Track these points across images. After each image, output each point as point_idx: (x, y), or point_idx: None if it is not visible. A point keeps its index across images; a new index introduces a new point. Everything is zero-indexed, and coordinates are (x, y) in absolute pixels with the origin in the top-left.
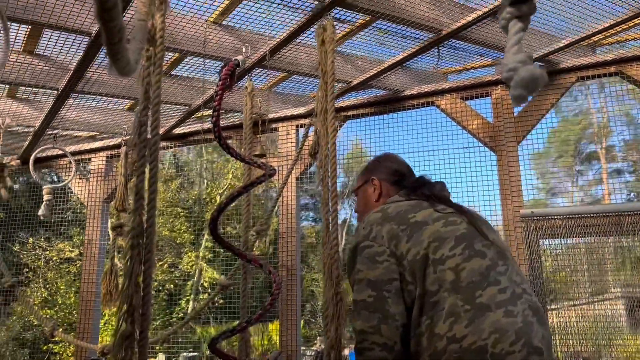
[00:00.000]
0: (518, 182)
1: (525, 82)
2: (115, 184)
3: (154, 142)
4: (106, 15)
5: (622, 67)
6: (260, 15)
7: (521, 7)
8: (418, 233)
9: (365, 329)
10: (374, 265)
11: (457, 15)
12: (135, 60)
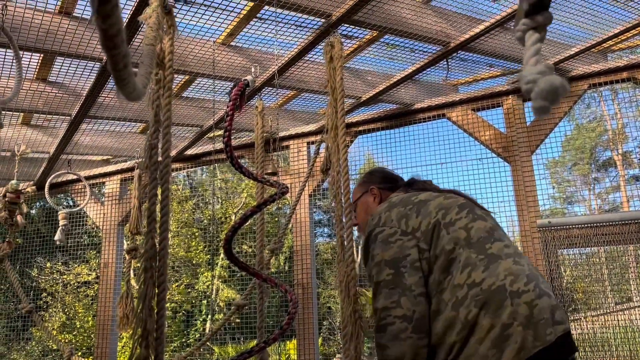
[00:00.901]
0: (534, 192)
1: (546, 93)
2: (129, 207)
3: (165, 164)
4: (110, 43)
5: (634, 72)
6: (268, 35)
7: (537, 18)
8: (425, 207)
9: (388, 305)
10: (388, 247)
11: (465, 27)
12: (143, 84)
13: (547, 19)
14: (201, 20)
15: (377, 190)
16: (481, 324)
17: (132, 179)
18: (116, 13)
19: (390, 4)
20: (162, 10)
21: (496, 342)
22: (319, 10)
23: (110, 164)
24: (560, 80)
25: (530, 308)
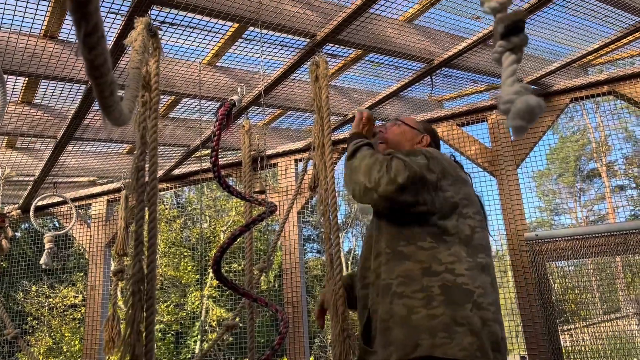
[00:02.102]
0: (520, 205)
1: (523, 113)
2: (116, 228)
3: (152, 186)
4: (96, 72)
5: (615, 85)
6: (253, 55)
7: (512, 40)
8: (457, 186)
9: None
10: (436, 160)
11: (448, 45)
12: (129, 109)
13: (523, 41)
14: (187, 42)
15: (428, 141)
16: (436, 306)
17: (118, 200)
18: (102, 44)
19: (374, 24)
20: (148, 33)
21: (446, 328)
22: (303, 31)
23: (97, 185)
24: (537, 100)
25: (483, 323)
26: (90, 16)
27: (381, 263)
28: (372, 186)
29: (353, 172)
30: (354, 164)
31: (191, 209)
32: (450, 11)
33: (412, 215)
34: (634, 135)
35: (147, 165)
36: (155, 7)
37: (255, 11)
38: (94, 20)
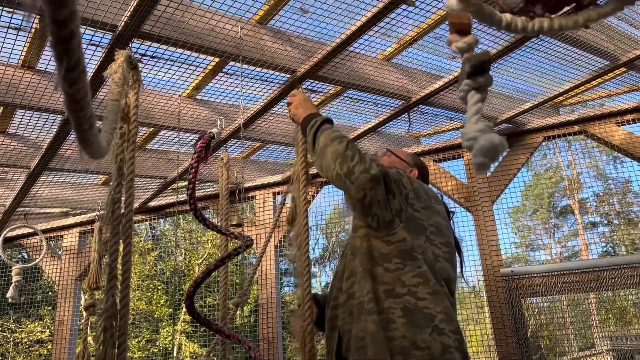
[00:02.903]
0: (496, 241)
1: (486, 150)
2: (88, 260)
3: (127, 219)
4: (76, 106)
5: (585, 125)
6: (234, 89)
7: (478, 79)
8: (429, 212)
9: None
10: (405, 179)
11: (425, 83)
12: (107, 141)
13: (488, 81)
14: (167, 75)
15: (416, 175)
16: (395, 329)
17: (91, 232)
18: (83, 78)
19: (353, 61)
20: (128, 66)
21: (405, 351)
22: (284, 67)
23: (70, 216)
24: (499, 139)
25: (443, 350)
26: (73, 52)
27: (354, 282)
28: (344, 172)
29: (321, 156)
30: (320, 145)
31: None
32: (427, 51)
33: (379, 224)
34: (605, 173)
35: (123, 198)
36: (137, 41)
37: (237, 46)
38: (77, 56)
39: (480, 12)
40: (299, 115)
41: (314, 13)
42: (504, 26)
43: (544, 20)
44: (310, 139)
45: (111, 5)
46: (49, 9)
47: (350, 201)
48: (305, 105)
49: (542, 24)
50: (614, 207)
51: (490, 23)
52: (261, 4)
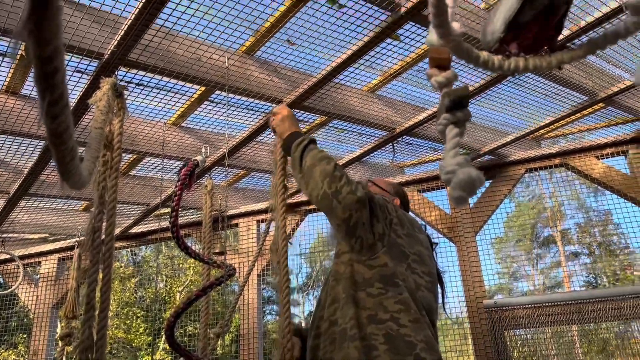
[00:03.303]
0: (479, 272)
1: (464, 184)
2: (66, 288)
3: (108, 247)
4: (57, 140)
5: (566, 158)
6: (220, 117)
7: (456, 114)
8: (411, 240)
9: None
10: (389, 206)
11: (409, 114)
12: (89, 171)
13: (466, 116)
14: (153, 102)
15: (397, 204)
16: (377, 356)
17: (70, 258)
18: (65, 112)
19: (338, 92)
20: (113, 94)
21: None
22: (270, 96)
23: (48, 242)
24: (477, 173)
25: None
26: (56, 86)
27: (337, 309)
28: (332, 192)
29: (308, 175)
30: (307, 164)
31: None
32: (411, 83)
33: (362, 246)
34: (586, 205)
35: (105, 225)
36: (123, 68)
37: (223, 76)
38: (60, 90)
39: (459, 48)
40: (283, 130)
41: (300, 45)
42: (481, 63)
43: (520, 60)
44: (297, 156)
45: (98, 34)
46: (33, 46)
47: (336, 222)
48: (290, 122)
49: (517, 63)
50: (596, 238)
51: (468, 59)
52: (248, 35)
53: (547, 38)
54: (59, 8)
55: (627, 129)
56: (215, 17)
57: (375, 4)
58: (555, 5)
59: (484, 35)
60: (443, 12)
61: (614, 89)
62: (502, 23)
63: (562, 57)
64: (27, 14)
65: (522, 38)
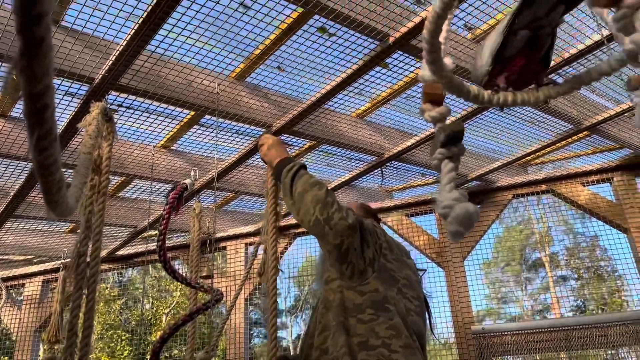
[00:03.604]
0: (467, 298)
1: (461, 219)
2: (49, 311)
3: (93, 272)
4: (45, 171)
5: (552, 185)
6: (209, 141)
7: (451, 149)
8: (400, 264)
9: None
10: (373, 233)
11: (397, 140)
12: (76, 197)
13: (461, 150)
14: (143, 125)
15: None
16: None
17: (55, 280)
18: (54, 146)
19: (327, 118)
20: (103, 118)
21: None
22: (260, 121)
23: (33, 264)
24: (474, 208)
25: None
26: (45, 121)
27: (327, 337)
28: (324, 218)
29: (299, 201)
30: (297, 190)
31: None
32: (399, 110)
33: (353, 272)
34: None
35: (90, 250)
36: (114, 92)
37: (213, 101)
38: (49, 125)
39: (450, 83)
40: (272, 157)
41: (290, 72)
42: (472, 97)
43: (508, 94)
44: (288, 182)
45: (89, 59)
46: (24, 83)
47: (327, 248)
48: (278, 149)
49: (506, 97)
50: (584, 262)
51: (459, 94)
52: (239, 62)
53: (535, 72)
54: (51, 47)
55: (612, 156)
56: (206, 43)
57: (364, 33)
58: (539, 38)
59: (474, 70)
60: (436, 49)
61: (598, 117)
62: (489, 56)
63: (549, 92)
64: (20, 52)
65: (509, 71)
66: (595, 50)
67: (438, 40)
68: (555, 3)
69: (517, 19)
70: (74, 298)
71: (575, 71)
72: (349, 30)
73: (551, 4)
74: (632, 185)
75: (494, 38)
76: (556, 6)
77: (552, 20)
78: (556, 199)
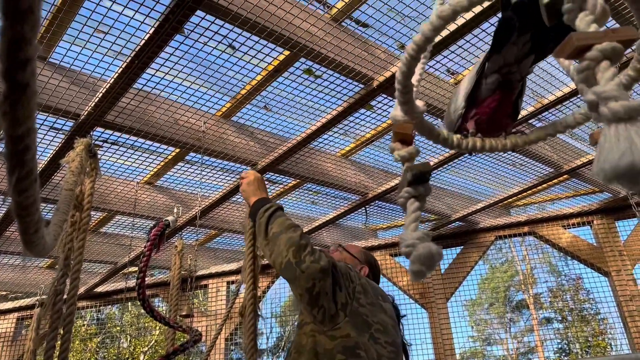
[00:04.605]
0: (450, 340)
1: (424, 259)
2: (23, 349)
3: (69, 312)
4: (23, 212)
5: (534, 227)
6: (194, 177)
7: (418, 188)
8: (375, 309)
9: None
10: (352, 276)
11: (381, 180)
12: (55, 235)
13: (427, 190)
14: (127, 161)
15: (366, 273)
16: None
17: (30, 318)
18: (33, 187)
19: (312, 157)
20: (87, 154)
21: None
22: (245, 159)
23: (8, 300)
24: (436, 248)
25: None
26: (26, 163)
27: None
28: (296, 261)
29: (272, 242)
30: (272, 230)
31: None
32: (384, 151)
33: (324, 316)
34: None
35: (68, 288)
36: (99, 128)
37: (199, 139)
38: (29, 167)
39: (421, 125)
40: (249, 194)
41: (276, 112)
42: (441, 140)
43: (477, 140)
44: (264, 222)
45: (76, 95)
46: (6, 125)
47: (298, 291)
48: (257, 187)
49: (474, 143)
50: (567, 304)
51: (429, 136)
52: (226, 101)
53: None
54: (35, 92)
55: (592, 199)
56: (194, 83)
57: (349, 76)
58: (510, 82)
59: (448, 115)
60: (409, 91)
61: (577, 162)
62: (462, 98)
63: (516, 140)
64: (3, 98)
65: (481, 113)
66: (574, 98)
67: (410, 82)
68: (525, 53)
69: (487, 64)
70: (49, 338)
71: (554, 117)
72: (334, 73)
73: (520, 53)
74: (612, 229)
75: (467, 81)
76: (526, 55)
77: (522, 68)
78: (539, 240)
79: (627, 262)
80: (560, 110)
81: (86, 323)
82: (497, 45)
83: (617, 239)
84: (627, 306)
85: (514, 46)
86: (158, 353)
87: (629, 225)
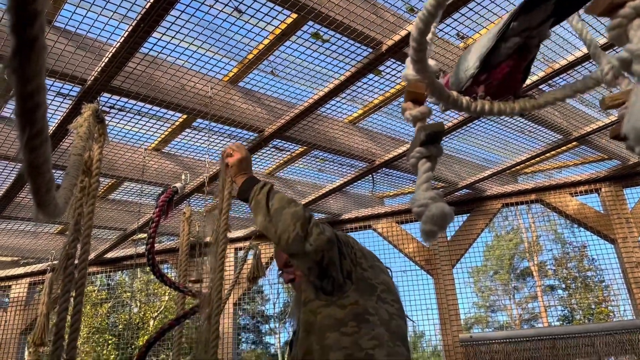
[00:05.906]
0: (455, 306)
1: (436, 219)
2: (36, 313)
3: (81, 275)
4: (35, 171)
5: (541, 194)
6: (202, 144)
7: (430, 148)
8: (376, 271)
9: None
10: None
11: (389, 147)
12: (65, 199)
13: (439, 151)
14: (135, 127)
15: None
16: None
17: (42, 283)
18: (44, 146)
19: (320, 124)
20: (94, 120)
21: None
22: (252, 126)
23: (20, 266)
24: (449, 208)
25: None
26: (37, 121)
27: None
28: (304, 234)
29: (276, 217)
30: (274, 207)
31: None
32: (391, 117)
33: (333, 286)
34: (563, 237)
35: (79, 252)
36: (106, 94)
37: (206, 105)
38: (40, 125)
39: (432, 85)
40: (238, 171)
41: (283, 77)
42: (451, 102)
43: (485, 103)
44: (263, 199)
45: (82, 60)
46: (16, 82)
47: (307, 265)
48: (248, 165)
49: (483, 106)
50: (572, 272)
51: (440, 97)
52: (232, 65)
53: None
54: (44, 47)
55: (600, 167)
56: (200, 47)
57: (357, 40)
58: (527, 47)
59: (457, 73)
60: (423, 49)
61: (587, 128)
62: (477, 60)
63: (524, 104)
64: (12, 53)
65: (494, 78)
66: (586, 62)
67: (426, 39)
68: (547, 15)
69: (512, 25)
70: (61, 301)
71: (565, 82)
72: (342, 37)
73: (545, 15)
74: (619, 197)
75: (484, 43)
76: (548, 18)
77: (541, 31)
78: (545, 208)
79: (634, 229)
80: (572, 75)
81: (96, 289)
82: (529, 4)
83: (624, 206)
84: (633, 273)
85: (540, 8)
86: (167, 318)
87: (637, 193)
